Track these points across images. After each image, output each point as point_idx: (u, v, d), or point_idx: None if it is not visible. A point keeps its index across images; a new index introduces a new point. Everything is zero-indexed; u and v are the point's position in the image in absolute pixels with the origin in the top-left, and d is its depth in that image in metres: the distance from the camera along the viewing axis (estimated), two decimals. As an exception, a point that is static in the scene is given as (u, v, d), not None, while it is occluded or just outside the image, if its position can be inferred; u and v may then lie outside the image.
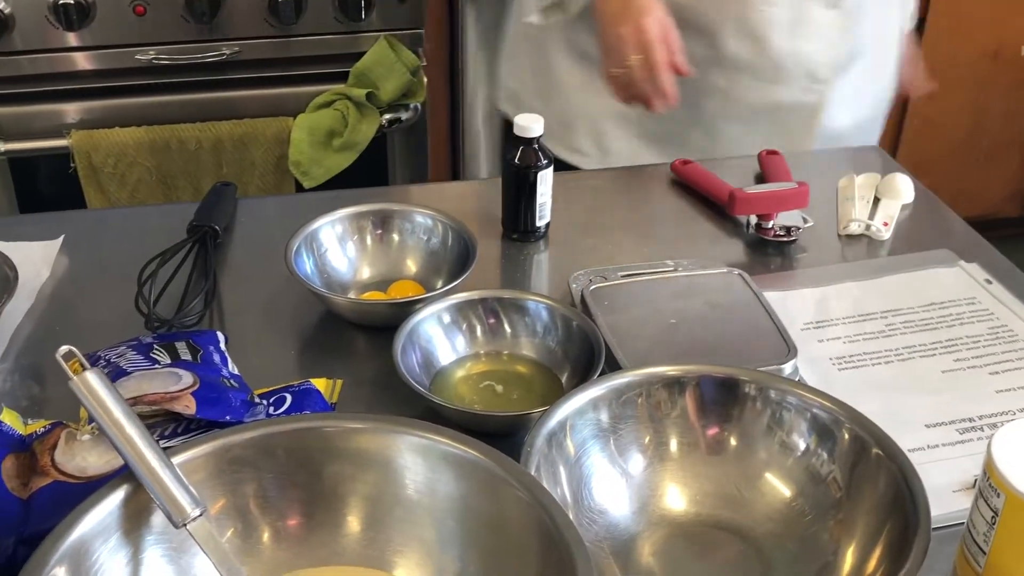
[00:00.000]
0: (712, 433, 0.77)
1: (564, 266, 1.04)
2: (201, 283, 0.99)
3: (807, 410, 0.74)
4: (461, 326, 0.91)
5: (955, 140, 2.52)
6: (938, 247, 1.08)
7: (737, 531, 0.74)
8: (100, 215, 1.47)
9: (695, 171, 1.18)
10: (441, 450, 0.67)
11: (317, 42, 1.92)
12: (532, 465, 0.68)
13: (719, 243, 1.10)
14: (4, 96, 1.87)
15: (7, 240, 1.03)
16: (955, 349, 0.94)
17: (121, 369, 0.78)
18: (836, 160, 1.29)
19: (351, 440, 0.68)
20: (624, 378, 0.76)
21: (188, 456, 0.66)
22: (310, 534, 0.69)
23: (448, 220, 1.02)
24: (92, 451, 0.70)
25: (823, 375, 0.90)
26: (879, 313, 0.98)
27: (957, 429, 0.85)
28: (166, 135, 1.87)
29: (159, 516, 0.63)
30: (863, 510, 0.70)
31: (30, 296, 0.99)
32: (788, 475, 0.74)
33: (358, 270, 1.02)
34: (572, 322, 0.89)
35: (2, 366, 0.91)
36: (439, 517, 0.67)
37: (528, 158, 1.04)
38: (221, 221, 1.08)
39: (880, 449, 0.70)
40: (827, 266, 1.06)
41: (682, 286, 0.96)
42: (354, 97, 1.90)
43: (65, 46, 1.85)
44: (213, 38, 1.89)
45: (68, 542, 0.60)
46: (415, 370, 0.87)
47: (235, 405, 0.74)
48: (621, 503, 0.75)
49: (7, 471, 0.70)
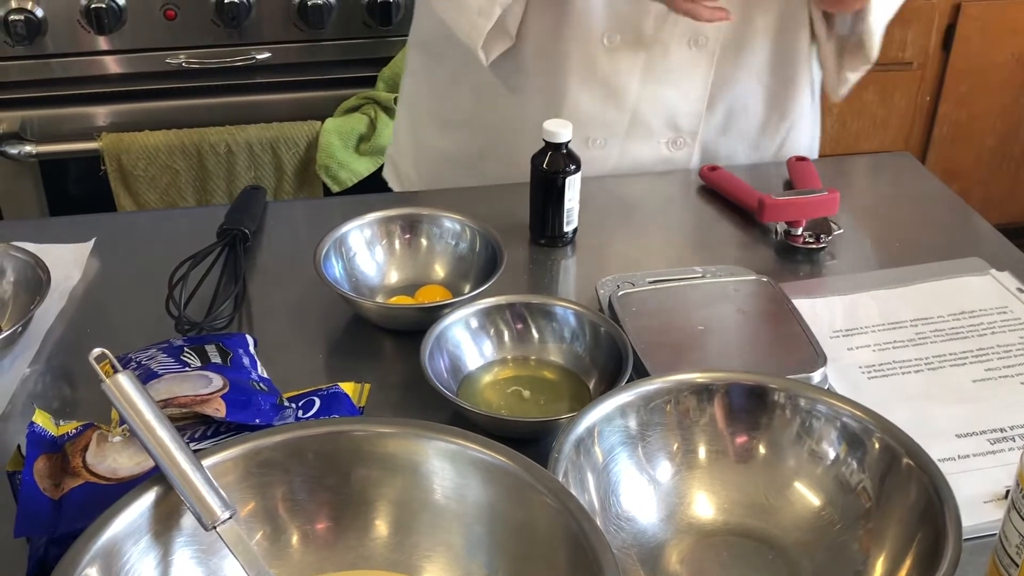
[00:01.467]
0: (741, 441, 0.76)
1: (591, 272, 1.04)
2: (231, 286, 1.00)
3: (837, 419, 0.74)
4: (489, 331, 0.91)
5: (985, 147, 2.50)
6: (968, 255, 1.07)
7: (765, 540, 0.73)
8: (131, 218, 1.49)
9: (723, 177, 1.18)
10: (470, 455, 0.67)
11: (345, 46, 1.93)
12: (560, 471, 0.68)
13: (747, 250, 1.10)
14: (35, 99, 1.89)
15: (39, 242, 1.03)
16: (986, 359, 0.93)
17: (152, 371, 0.79)
18: (866, 166, 1.28)
19: (380, 444, 0.68)
20: (652, 385, 0.76)
21: (218, 459, 0.66)
22: (338, 538, 0.69)
23: (476, 225, 1.02)
24: (123, 453, 0.71)
25: (852, 383, 0.89)
26: (909, 321, 0.98)
27: (988, 439, 0.84)
28: (195, 138, 1.88)
29: (189, 518, 0.64)
30: (893, 520, 0.69)
31: (62, 298, 1.00)
32: (817, 484, 0.74)
33: (386, 274, 1.02)
34: (600, 328, 0.89)
35: (34, 367, 0.92)
36: (467, 523, 0.67)
37: (556, 163, 1.04)
38: (251, 224, 1.08)
39: (911, 459, 0.70)
40: (856, 274, 1.05)
41: (711, 293, 0.96)
42: (382, 101, 1.91)
43: (96, 49, 1.87)
44: (243, 42, 1.90)
45: (99, 543, 0.60)
46: (443, 375, 0.87)
47: (264, 408, 0.75)
48: (649, 510, 0.74)
49: (39, 472, 0.70)
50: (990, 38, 2.35)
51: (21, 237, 1.03)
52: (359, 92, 1.94)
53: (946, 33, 2.34)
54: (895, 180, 1.26)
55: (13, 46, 1.81)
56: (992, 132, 2.49)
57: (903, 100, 2.40)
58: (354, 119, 1.91)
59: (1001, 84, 2.42)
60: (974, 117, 2.45)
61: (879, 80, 2.35)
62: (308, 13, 1.87)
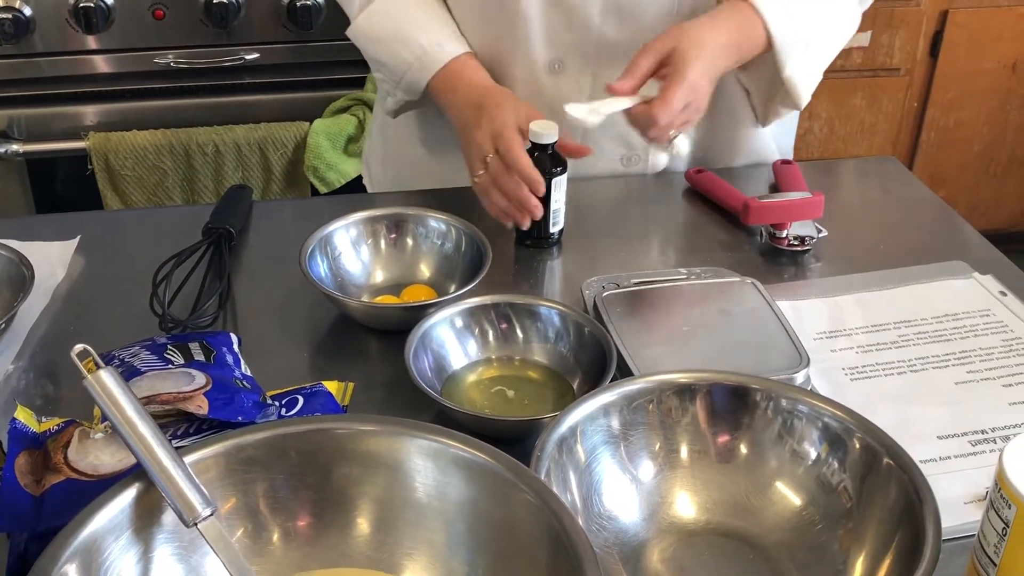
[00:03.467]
0: (722, 441, 0.76)
1: (577, 272, 1.04)
2: (215, 285, 1.00)
3: (818, 419, 0.74)
4: (473, 331, 0.91)
5: (972, 153, 2.52)
6: (952, 259, 1.08)
7: (746, 539, 0.74)
8: (116, 216, 1.48)
9: (709, 179, 1.18)
10: (451, 454, 0.67)
11: (335, 47, 1.92)
12: (542, 470, 0.68)
13: (732, 252, 1.10)
14: (23, 98, 1.88)
15: (24, 240, 1.03)
16: (968, 361, 0.93)
17: (135, 369, 0.79)
18: (852, 170, 1.29)
19: (362, 442, 0.68)
20: (635, 384, 0.76)
21: (200, 456, 0.66)
22: (319, 535, 0.69)
23: (462, 225, 1.03)
24: (105, 449, 0.70)
25: (835, 385, 0.90)
26: (892, 324, 0.98)
27: (969, 441, 0.84)
28: (183, 138, 1.88)
29: (170, 515, 0.64)
30: (874, 520, 0.70)
31: (46, 295, 1.00)
32: (798, 484, 0.74)
33: (371, 274, 1.02)
34: (584, 328, 0.89)
35: (17, 364, 0.92)
36: (448, 520, 0.67)
37: (543, 164, 1.04)
38: (236, 223, 1.08)
39: (891, 459, 0.70)
40: (840, 276, 1.05)
41: (695, 294, 0.96)
42: (371, 102, 1.90)
43: (84, 49, 1.86)
44: (231, 42, 1.90)
45: (79, 539, 0.60)
46: (427, 374, 0.87)
47: (247, 406, 0.75)
48: (631, 509, 0.75)
49: (20, 468, 0.70)
50: (977, 45, 2.36)
51: (5, 234, 1.03)
52: (348, 93, 1.94)
53: (933, 40, 2.35)
54: (880, 184, 1.26)
55: (1, 44, 1.81)
56: (978, 138, 2.50)
57: (891, 105, 2.41)
58: (343, 120, 1.91)
59: (988, 91, 2.43)
60: (961, 123, 2.46)
61: (867, 85, 2.36)
62: (297, 14, 1.87)
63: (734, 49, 1.05)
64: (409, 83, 1.14)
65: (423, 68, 1.12)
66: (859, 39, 2.28)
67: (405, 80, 1.14)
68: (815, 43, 1.10)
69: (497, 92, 1.09)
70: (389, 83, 1.17)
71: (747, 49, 1.06)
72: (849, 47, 2.27)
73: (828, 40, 1.12)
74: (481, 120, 1.05)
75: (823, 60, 1.12)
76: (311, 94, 1.95)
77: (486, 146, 1.03)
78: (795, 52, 1.08)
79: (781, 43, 1.06)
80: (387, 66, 1.15)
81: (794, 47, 1.07)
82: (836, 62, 1.16)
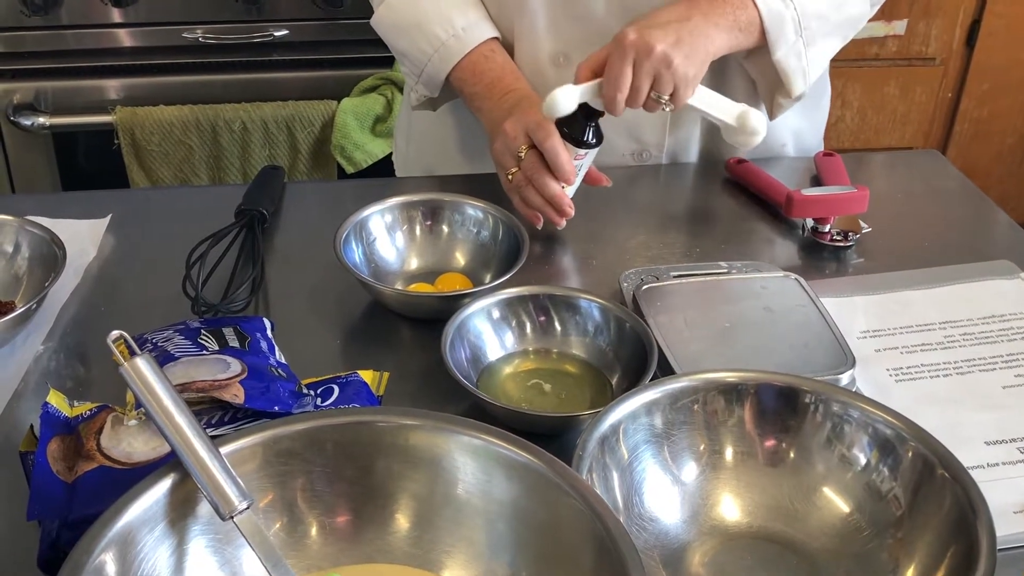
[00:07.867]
0: (769, 443, 0.75)
1: (614, 264, 1.02)
2: (248, 268, 0.98)
3: (869, 424, 0.72)
4: (511, 322, 0.89)
5: (1005, 145, 2.48)
6: (997, 257, 1.05)
7: (790, 545, 0.72)
8: (146, 194, 1.47)
9: (750, 170, 1.16)
10: (494, 452, 0.65)
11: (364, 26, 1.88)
12: (584, 469, 0.66)
13: (773, 245, 1.08)
14: (49, 70, 1.87)
15: (53, 217, 1.02)
16: (1017, 364, 0.91)
17: (168, 354, 0.77)
18: (895, 164, 1.26)
19: (402, 436, 0.67)
20: (680, 383, 0.74)
21: (236, 446, 0.64)
22: (357, 530, 0.67)
23: (499, 213, 1.01)
24: (138, 437, 0.69)
25: (880, 386, 0.88)
26: (937, 324, 0.96)
27: (1019, 447, 0.82)
28: (210, 115, 1.86)
29: (205, 506, 0.62)
30: (925, 530, 0.68)
31: (76, 275, 0.98)
32: (846, 490, 0.72)
33: (406, 260, 1.01)
34: (625, 323, 0.87)
35: (48, 345, 0.90)
36: (489, 519, 0.66)
37: (598, 134, 1.01)
38: (269, 205, 1.07)
39: (945, 470, 0.68)
40: (884, 273, 1.03)
41: (737, 289, 0.94)
42: (399, 82, 1.88)
43: (112, 22, 1.85)
44: (260, 19, 1.88)
45: (114, 529, 0.59)
46: (463, 365, 0.85)
47: (283, 395, 0.73)
48: (673, 511, 0.73)
49: (52, 454, 0.69)
50: (1015, 35, 2.32)
51: (35, 212, 1.02)
52: (377, 72, 1.92)
53: (970, 29, 2.31)
54: (923, 178, 1.24)
55: (29, 16, 1.79)
56: (1013, 130, 2.46)
57: (924, 95, 2.37)
58: (371, 100, 1.89)
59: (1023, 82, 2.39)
60: (995, 115, 2.42)
61: (901, 75, 2.32)
62: (327, -9, 1.85)
63: (720, 16, 0.99)
64: (429, 75, 1.12)
65: (442, 60, 1.10)
66: (895, 27, 2.24)
67: (426, 72, 1.12)
68: (814, 27, 1.04)
69: (525, 87, 1.07)
70: (411, 76, 1.15)
71: (744, 19, 1.01)
72: (884, 35, 2.23)
73: (830, 25, 1.06)
74: (513, 112, 1.03)
75: (823, 47, 1.07)
76: (340, 72, 1.93)
77: (520, 139, 1.01)
78: (787, 32, 1.02)
79: (769, 21, 1.01)
80: (408, 56, 1.14)
81: (785, 25, 1.02)
82: (870, 50, 1.13)
